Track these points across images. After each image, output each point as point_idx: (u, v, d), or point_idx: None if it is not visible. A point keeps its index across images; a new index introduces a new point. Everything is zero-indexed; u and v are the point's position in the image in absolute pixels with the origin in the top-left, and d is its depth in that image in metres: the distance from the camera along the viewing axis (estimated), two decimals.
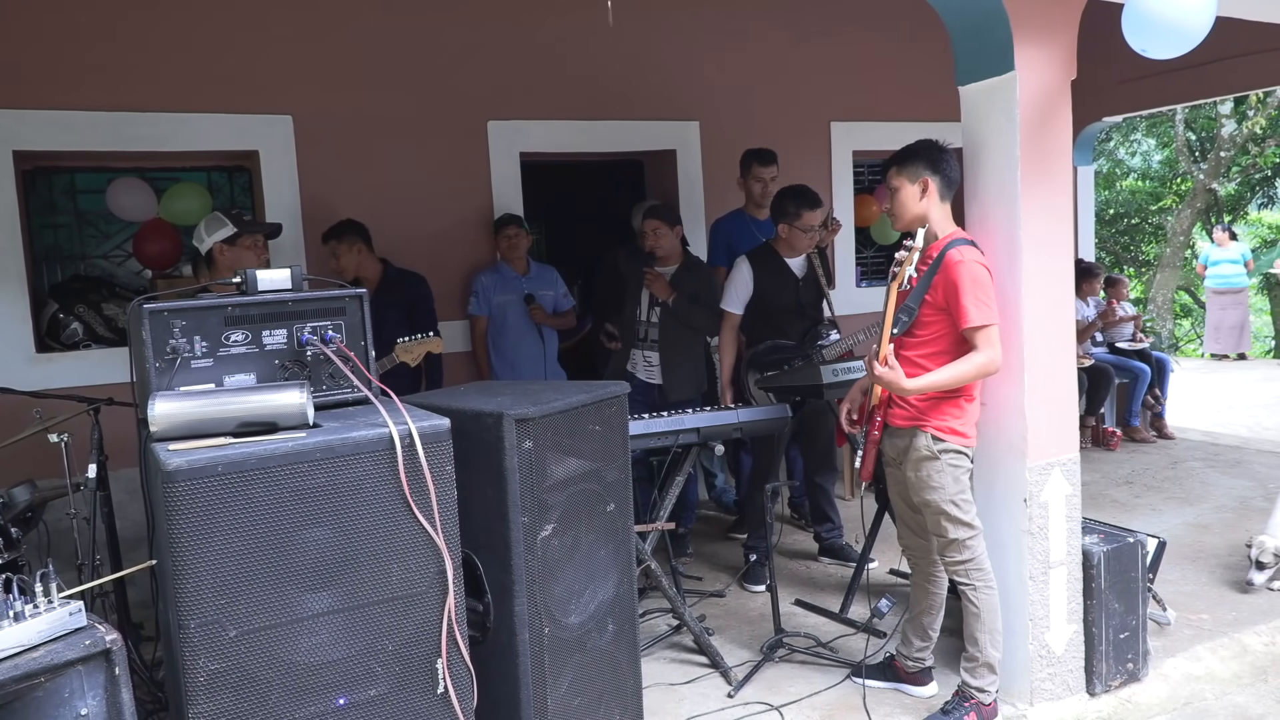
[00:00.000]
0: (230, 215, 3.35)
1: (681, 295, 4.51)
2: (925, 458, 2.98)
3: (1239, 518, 5.08)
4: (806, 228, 4.31)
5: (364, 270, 4.46)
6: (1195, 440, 7.00)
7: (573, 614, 2.54)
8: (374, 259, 4.54)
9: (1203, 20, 2.59)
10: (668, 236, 4.52)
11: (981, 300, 2.85)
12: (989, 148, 3.10)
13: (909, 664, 3.29)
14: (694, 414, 3.66)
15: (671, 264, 4.59)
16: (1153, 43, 2.66)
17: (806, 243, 4.36)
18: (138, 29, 4.49)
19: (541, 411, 2.40)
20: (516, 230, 4.99)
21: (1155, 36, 2.64)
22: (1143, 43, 2.67)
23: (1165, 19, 2.59)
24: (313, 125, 4.85)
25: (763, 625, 3.85)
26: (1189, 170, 15.08)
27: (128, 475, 3.77)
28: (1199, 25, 2.60)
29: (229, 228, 3.29)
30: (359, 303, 2.43)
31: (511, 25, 5.29)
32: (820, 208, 4.32)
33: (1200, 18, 2.59)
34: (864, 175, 6.92)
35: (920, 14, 4.05)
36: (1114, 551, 3.23)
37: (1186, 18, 2.58)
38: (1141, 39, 2.66)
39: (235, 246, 3.29)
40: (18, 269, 4.34)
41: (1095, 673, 3.23)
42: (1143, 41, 2.67)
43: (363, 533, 2.05)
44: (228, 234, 3.28)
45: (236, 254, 3.29)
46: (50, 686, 1.77)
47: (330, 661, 2.03)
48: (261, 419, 2.07)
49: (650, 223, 4.53)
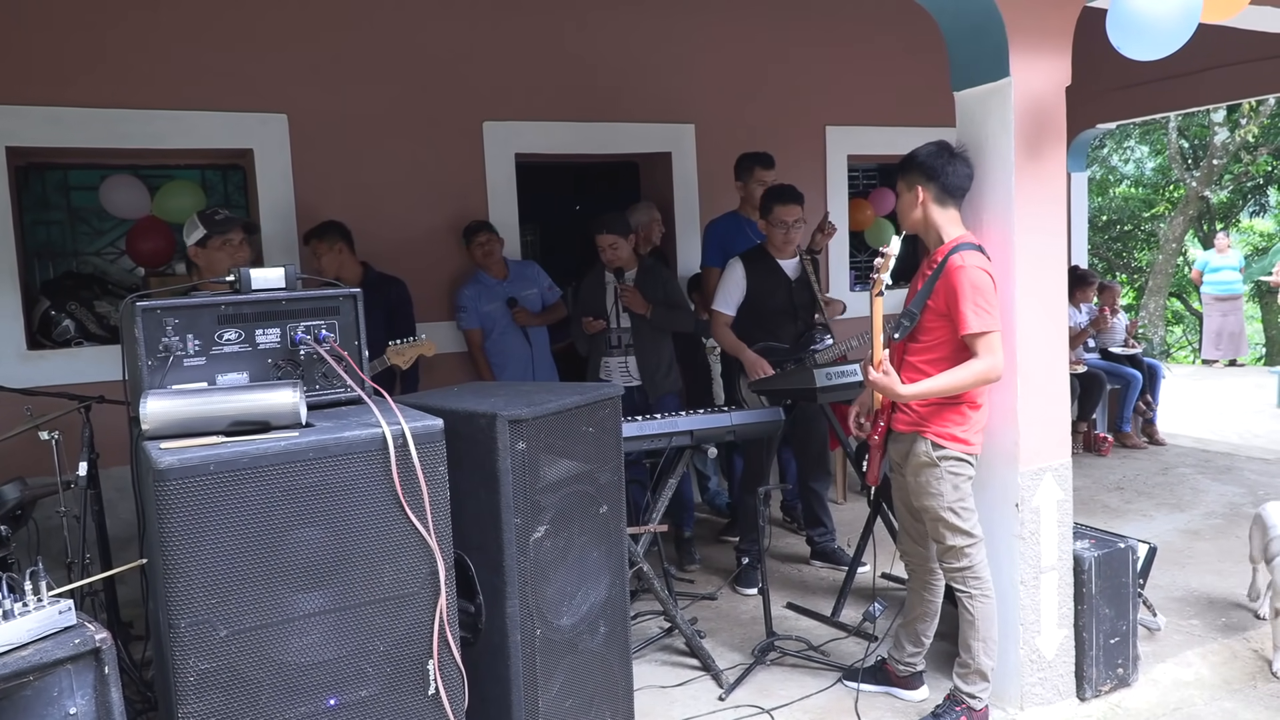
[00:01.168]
0: (204, 216, 3.34)
1: (657, 306, 4.54)
2: (925, 464, 2.98)
3: (1229, 524, 5.10)
4: (778, 222, 4.31)
5: (344, 272, 4.43)
6: (1186, 446, 7.02)
7: (565, 616, 2.54)
8: (355, 261, 4.53)
9: (1184, 24, 2.61)
10: (624, 246, 4.54)
11: (981, 307, 2.83)
12: (984, 153, 3.11)
13: (900, 668, 3.30)
14: (687, 416, 3.66)
15: (630, 270, 4.61)
16: (1134, 44, 2.68)
17: (780, 238, 4.35)
18: (132, 26, 4.48)
19: (535, 413, 2.40)
20: (488, 236, 4.96)
21: (1137, 37, 2.65)
22: (1124, 43, 2.68)
23: (1147, 21, 2.60)
24: (308, 124, 4.85)
25: (754, 628, 3.85)
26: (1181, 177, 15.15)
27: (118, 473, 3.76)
28: (1181, 29, 2.61)
29: (200, 230, 3.28)
30: (353, 302, 2.43)
31: (508, 26, 5.29)
32: (793, 203, 4.30)
33: (1182, 21, 2.60)
34: (859, 179, 6.94)
35: (916, 19, 4.07)
36: (1105, 557, 3.24)
37: (1168, 20, 2.59)
38: (1123, 39, 2.67)
39: (207, 248, 3.28)
40: (10, 265, 4.33)
41: (1085, 678, 3.24)
42: (1124, 42, 2.68)
43: (355, 533, 2.05)
44: (199, 236, 3.28)
45: (209, 255, 3.28)
46: (39, 685, 1.77)
47: (321, 662, 2.02)
48: (254, 418, 2.07)
49: (606, 238, 4.51)
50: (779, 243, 4.36)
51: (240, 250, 3.36)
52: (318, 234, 4.45)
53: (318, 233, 4.45)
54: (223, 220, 3.34)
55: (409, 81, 5.07)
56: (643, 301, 4.52)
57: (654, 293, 4.57)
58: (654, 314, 4.54)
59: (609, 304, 4.62)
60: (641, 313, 4.53)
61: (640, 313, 4.54)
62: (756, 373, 4.27)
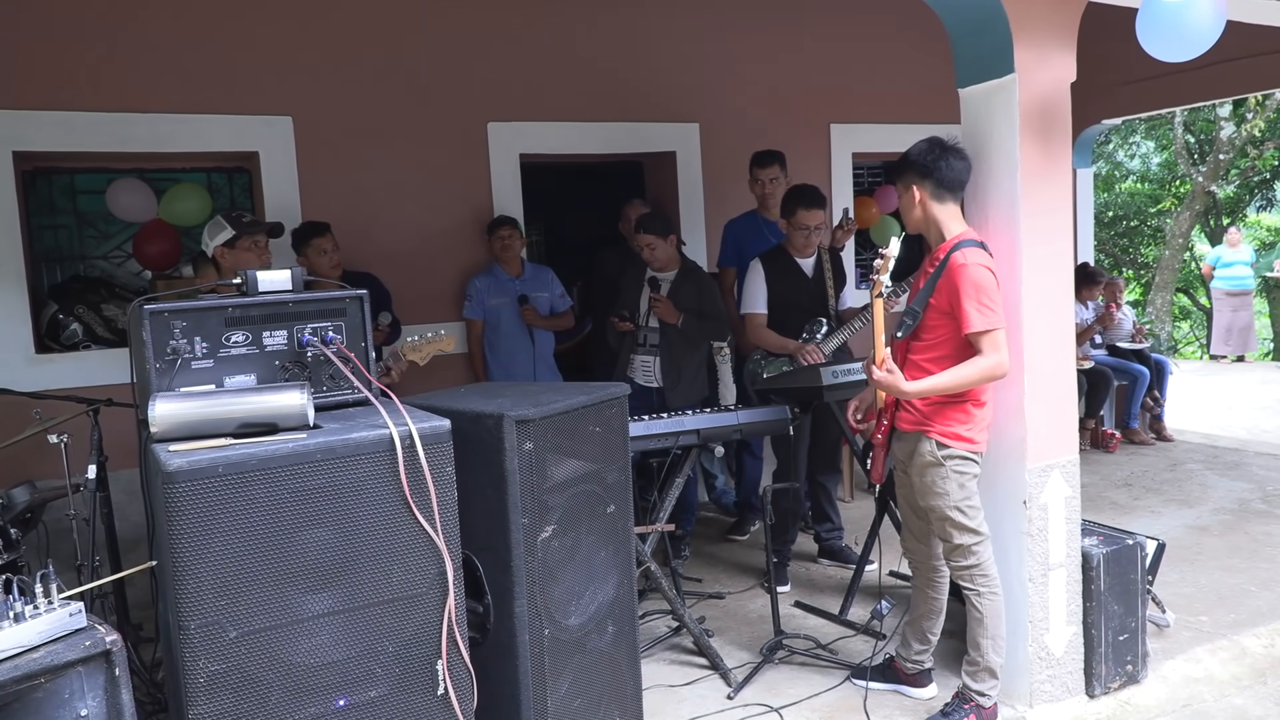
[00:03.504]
0: (230, 218, 3.35)
1: (688, 316, 4.50)
2: (930, 463, 2.97)
3: (1238, 520, 5.08)
4: (800, 226, 4.31)
5: (336, 271, 4.43)
6: (1194, 442, 7.00)
7: (573, 615, 2.54)
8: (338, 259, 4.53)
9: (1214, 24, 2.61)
10: (662, 247, 4.49)
11: (985, 305, 2.82)
12: (989, 150, 3.10)
13: (909, 666, 3.29)
14: (694, 415, 3.65)
15: (670, 270, 4.58)
16: (1165, 46, 2.68)
17: (801, 241, 4.35)
18: (138, 30, 4.49)
19: (542, 413, 2.40)
20: (510, 231, 4.98)
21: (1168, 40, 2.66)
22: (1156, 46, 2.69)
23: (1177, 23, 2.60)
24: (313, 126, 4.86)
25: (762, 627, 3.85)
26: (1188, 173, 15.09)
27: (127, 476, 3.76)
28: (1210, 29, 2.62)
29: (228, 230, 3.29)
30: (359, 304, 2.43)
31: (512, 27, 5.29)
32: (816, 208, 4.30)
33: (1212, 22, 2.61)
34: (863, 177, 6.93)
35: (920, 16, 4.06)
36: (1113, 553, 3.23)
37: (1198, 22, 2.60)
38: (1154, 43, 2.68)
39: (235, 249, 3.29)
40: (17, 269, 4.34)
41: (1094, 675, 3.23)
42: (1156, 45, 2.68)
43: (363, 534, 2.05)
44: (227, 237, 3.28)
45: (237, 256, 3.29)
46: (50, 687, 1.77)
47: (330, 663, 2.03)
48: (262, 420, 2.07)
49: (644, 238, 4.49)
50: (799, 245, 4.36)
51: (265, 252, 3.39)
52: (318, 232, 4.42)
53: (317, 231, 4.42)
54: (250, 222, 3.37)
55: (414, 83, 5.08)
56: (674, 312, 4.48)
57: (688, 301, 4.52)
58: (684, 324, 4.51)
59: (643, 306, 4.60)
60: (672, 323, 4.51)
61: (671, 322, 4.51)
62: (806, 360, 4.24)
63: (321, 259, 4.37)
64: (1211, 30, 2.64)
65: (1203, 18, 2.60)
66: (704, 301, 4.56)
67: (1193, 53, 2.70)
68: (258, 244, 3.33)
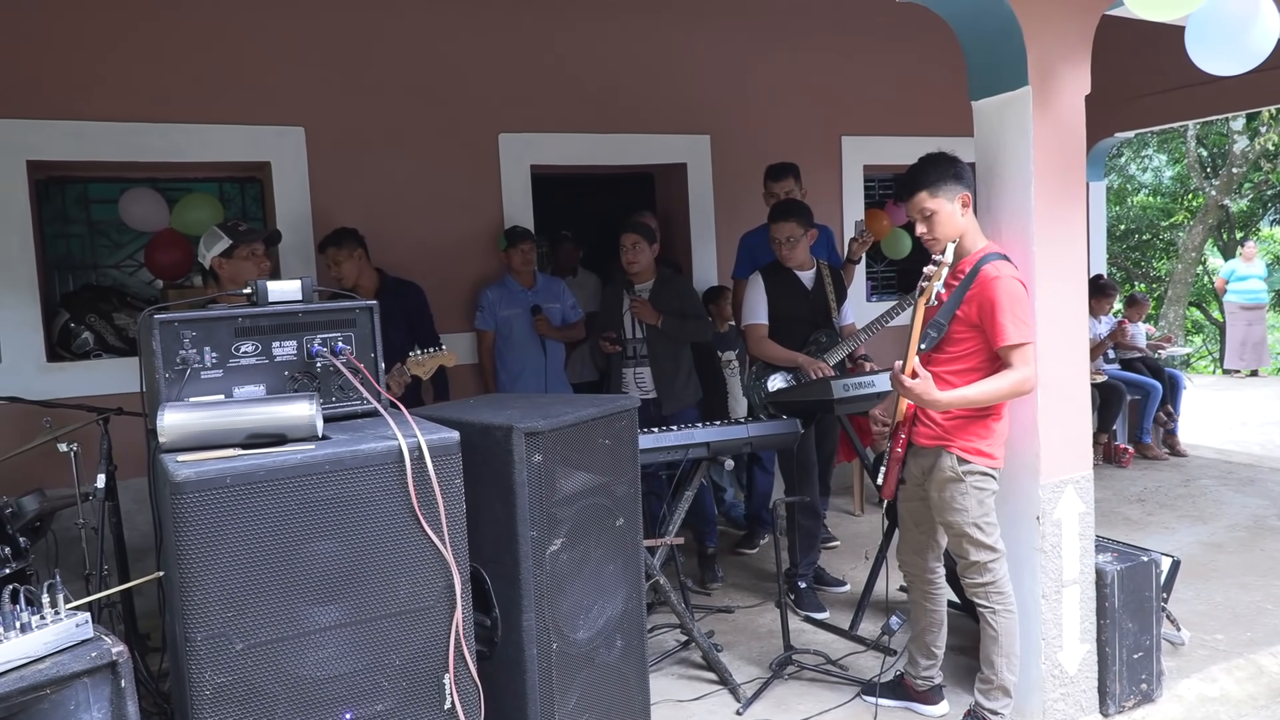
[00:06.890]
0: (226, 227, 3.35)
1: (669, 316, 4.56)
2: (950, 479, 2.94)
3: (1253, 536, 5.03)
4: (772, 238, 4.35)
5: (363, 279, 4.41)
6: (1208, 458, 6.95)
7: (581, 629, 2.52)
8: (371, 267, 4.51)
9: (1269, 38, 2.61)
10: (645, 252, 4.58)
11: (1019, 317, 2.80)
12: (1003, 163, 3.09)
13: (918, 683, 3.26)
14: (704, 429, 3.64)
15: (646, 279, 4.64)
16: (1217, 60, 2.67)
17: (778, 253, 4.35)
18: (150, 40, 4.51)
19: (551, 425, 2.39)
20: (531, 244, 5.02)
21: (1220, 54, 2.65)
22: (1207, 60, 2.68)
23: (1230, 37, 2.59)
24: (325, 137, 4.87)
25: (771, 642, 3.82)
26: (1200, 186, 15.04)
27: (136, 485, 3.78)
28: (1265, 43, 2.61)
29: (225, 240, 3.29)
30: (369, 314, 2.43)
31: (523, 38, 5.31)
32: (782, 220, 4.29)
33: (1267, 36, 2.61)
34: (875, 189, 6.91)
35: (933, 29, 4.05)
36: (1128, 570, 3.20)
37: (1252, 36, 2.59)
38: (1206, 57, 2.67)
39: (233, 259, 3.28)
40: (30, 278, 4.36)
41: (1109, 693, 3.20)
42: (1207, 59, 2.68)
43: (371, 546, 2.04)
44: (224, 247, 3.28)
45: (235, 266, 3.28)
46: (56, 698, 1.77)
47: (337, 676, 2.01)
48: (270, 431, 2.07)
49: (630, 236, 4.59)
50: (781, 256, 4.37)
51: (264, 260, 3.38)
52: (334, 242, 4.42)
53: (334, 240, 4.42)
54: (246, 231, 3.36)
55: (425, 94, 5.09)
56: (653, 312, 4.55)
57: (669, 304, 4.57)
58: (665, 324, 4.55)
59: (624, 315, 4.64)
60: (652, 323, 4.56)
61: (651, 323, 4.56)
62: (815, 373, 4.23)
63: (332, 270, 4.39)
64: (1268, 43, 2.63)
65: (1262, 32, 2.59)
66: (685, 303, 4.65)
67: (1246, 66, 2.68)
68: (255, 253, 3.32)
